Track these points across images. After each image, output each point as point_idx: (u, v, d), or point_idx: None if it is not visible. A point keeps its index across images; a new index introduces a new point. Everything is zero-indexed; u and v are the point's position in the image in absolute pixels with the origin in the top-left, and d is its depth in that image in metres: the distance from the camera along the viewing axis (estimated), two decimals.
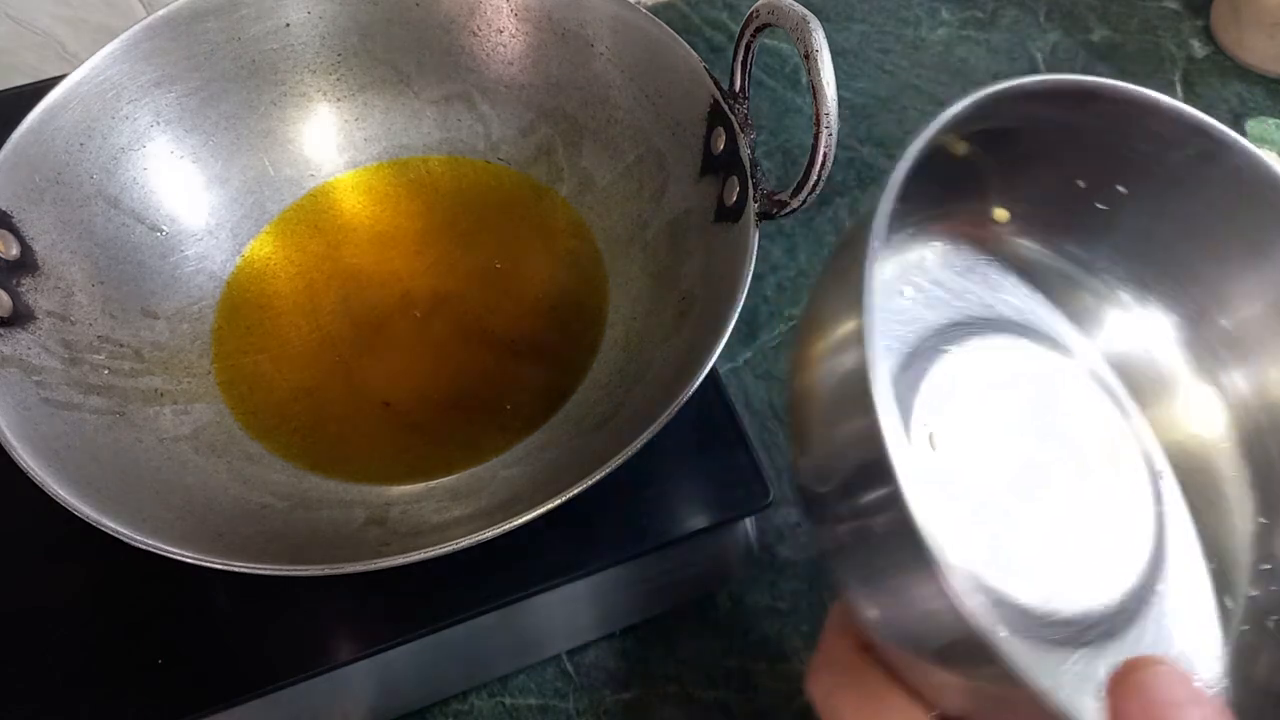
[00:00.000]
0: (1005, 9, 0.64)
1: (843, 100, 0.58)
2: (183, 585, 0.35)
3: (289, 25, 0.43)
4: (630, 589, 0.39)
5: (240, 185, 0.43)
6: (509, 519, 0.28)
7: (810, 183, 0.33)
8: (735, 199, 0.36)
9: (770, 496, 0.36)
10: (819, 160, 0.33)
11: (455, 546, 0.28)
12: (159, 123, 0.41)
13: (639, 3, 0.45)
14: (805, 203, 0.34)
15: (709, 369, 0.31)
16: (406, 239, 0.44)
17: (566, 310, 0.42)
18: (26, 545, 0.36)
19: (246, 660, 0.34)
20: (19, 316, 0.35)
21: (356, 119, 0.45)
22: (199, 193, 0.42)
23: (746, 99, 0.37)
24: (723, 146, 0.38)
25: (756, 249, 0.33)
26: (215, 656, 0.34)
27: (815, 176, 0.33)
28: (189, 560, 0.28)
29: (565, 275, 0.43)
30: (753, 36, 0.35)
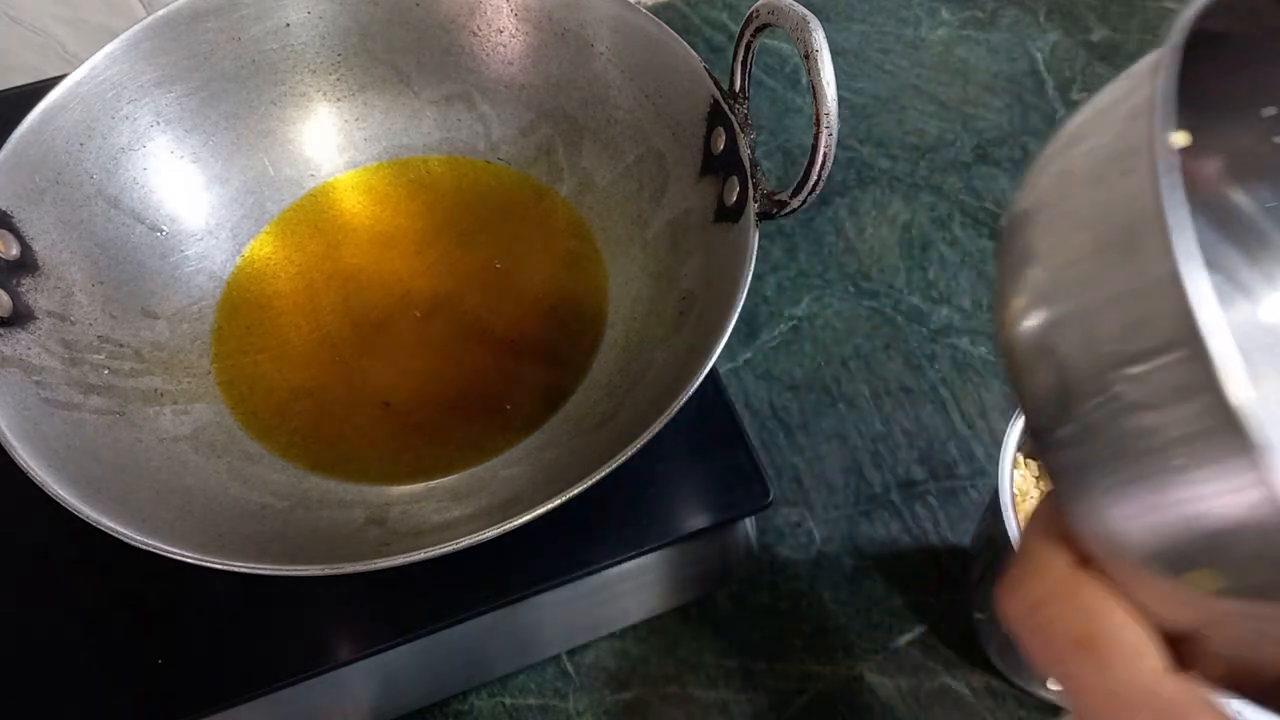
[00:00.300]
0: (1005, 9, 0.64)
1: (843, 100, 0.58)
2: (183, 585, 0.35)
3: (289, 25, 0.43)
4: (630, 589, 0.39)
5: (240, 185, 0.43)
6: (509, 519, 0.28)
7: (810, 183, 0.33)
8: (735, 199, 0.36)
9: (770, 496, 0.36)
10: (819, 160, 0.33)
11: (455, 546, 0.28)
12: (159, 123, 0.41)
13: (639, 3, 0.45)
14: (805, 203, 0.34)
15: (709, 369, 0.31)
16: (406, 239, 0.44)
17: (566, 310, 0.42)
18: (26, 545, 0.36)
19: (246, 660, 0.34)
20: (19, 316, 0.35)
21: (356, 119, 0.45)
22: (199, 193, 0.42)
23: (746, 99, 0.37)
24: (723, 146, 0.38)
25: (756, 249, 0.33)
26: (215, 656, 0.34)
27: (815, 176, 0.33)
28: (189, 560, 0.28)
29: (565, 275, 0.43)
30: (753, 36, 0.35)
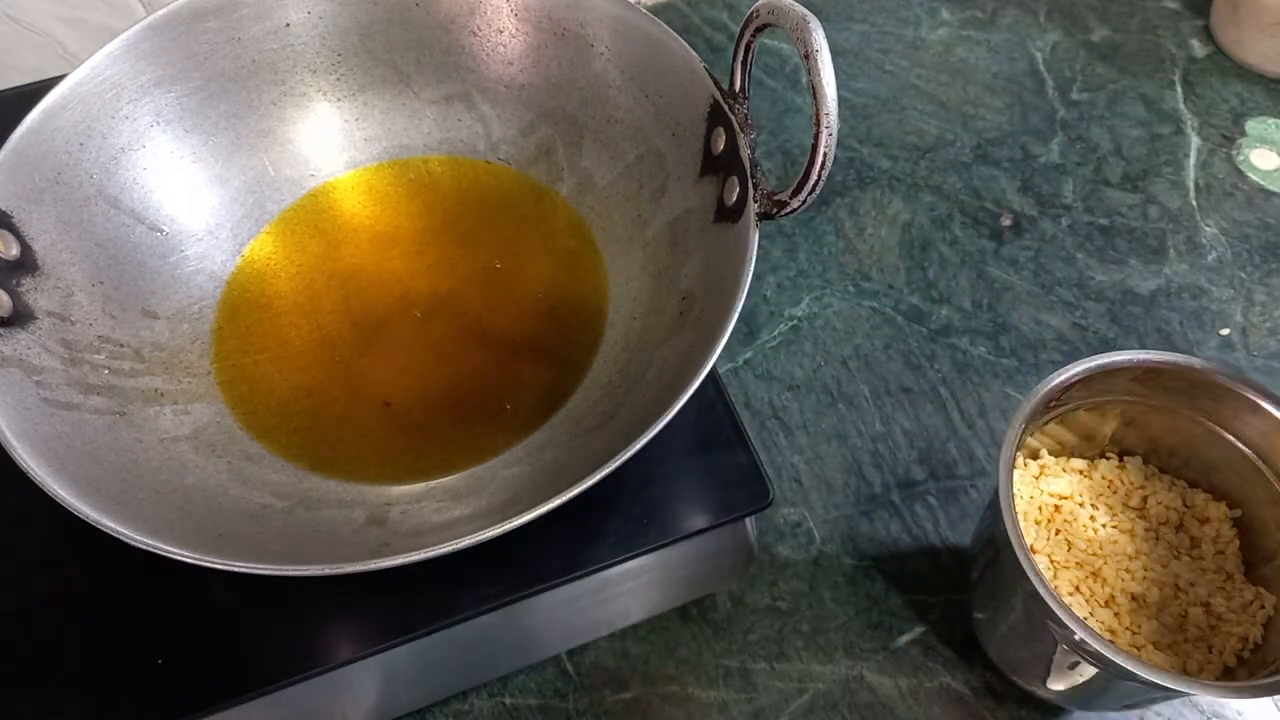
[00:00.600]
0: (1005, 9, 0.64)
1: (843, 100, 0.58)
2: (183, 585, 0.35)
3: (289, 25, 0.43)
4: (630, 589, 0.39)
5: (240, 185, 0.43)
6: (509, 519, 0.28)
7: (810, 183, 0.33)
8: (735, 199, 0.36)
9: (770, 496, 0.36)
10: (819, 160, 0.33)
11: (456, 546, 0.28)
12: (159, 123, 0.41)
13: (639, 3, 0.45)
14: (805, 203, 0.34)
15: (709, 369, 0.31)
16: (406, 239, 0.44)
17: (566, 310, 0.42)
18: (27, 545, 0.36)
19: (246, 660, 0.34)
20: (19, 316, 0.35)
21: (356, 119, 0.45)
22: (199, 193, 0.42)
23: (746, 99, 0.37)
24: (723, 146, 0.38)
25: (756, 249, 0.33)
26: (215, 656, 0.34)
27: (815, 176, 0.33)
28: (189, 560, 0.28)
29: (565, 275, 0.43)
30: (753, 36, 0.35)
